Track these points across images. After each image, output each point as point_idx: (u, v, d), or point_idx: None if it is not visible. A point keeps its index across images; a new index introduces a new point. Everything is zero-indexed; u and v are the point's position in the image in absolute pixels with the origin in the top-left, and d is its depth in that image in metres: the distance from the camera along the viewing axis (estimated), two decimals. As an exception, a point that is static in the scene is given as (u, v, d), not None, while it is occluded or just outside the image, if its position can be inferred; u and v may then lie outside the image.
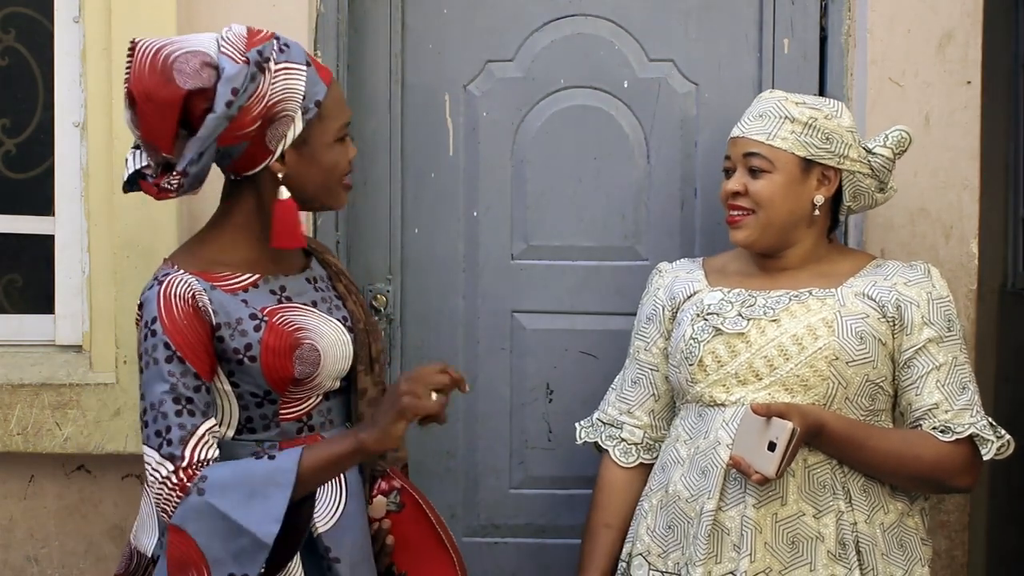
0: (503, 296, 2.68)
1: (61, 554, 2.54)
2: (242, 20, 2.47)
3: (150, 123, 1.88)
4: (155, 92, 1.86)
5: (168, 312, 1.87)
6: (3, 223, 2.61)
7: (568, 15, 2.65)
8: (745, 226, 2.16)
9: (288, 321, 1.95)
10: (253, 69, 1.87)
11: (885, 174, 2.20)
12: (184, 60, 1.87)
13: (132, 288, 2.45)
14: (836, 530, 2.07)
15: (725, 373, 2.13)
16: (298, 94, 1.91)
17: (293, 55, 1.93)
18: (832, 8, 2.59)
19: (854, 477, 2.10)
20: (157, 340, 1.86)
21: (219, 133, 1.87)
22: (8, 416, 2.47)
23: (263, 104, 1.88)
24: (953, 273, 2.49)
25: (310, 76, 1.93)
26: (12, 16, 2.59)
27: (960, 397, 2.10)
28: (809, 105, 2.16)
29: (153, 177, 1.93)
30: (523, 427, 2.70)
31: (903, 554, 2.12)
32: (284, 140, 1.92)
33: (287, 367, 1.93)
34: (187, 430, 1.84)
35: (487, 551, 2.73)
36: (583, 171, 2.66)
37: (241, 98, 1.86)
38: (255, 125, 1.89)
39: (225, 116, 1.85)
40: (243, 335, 1.91)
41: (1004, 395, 3.05)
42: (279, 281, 2.00)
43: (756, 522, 2.06)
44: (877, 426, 2.12)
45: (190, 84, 1.85)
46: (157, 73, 1.86)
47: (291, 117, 1.91)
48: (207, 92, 1.86)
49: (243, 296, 1.94)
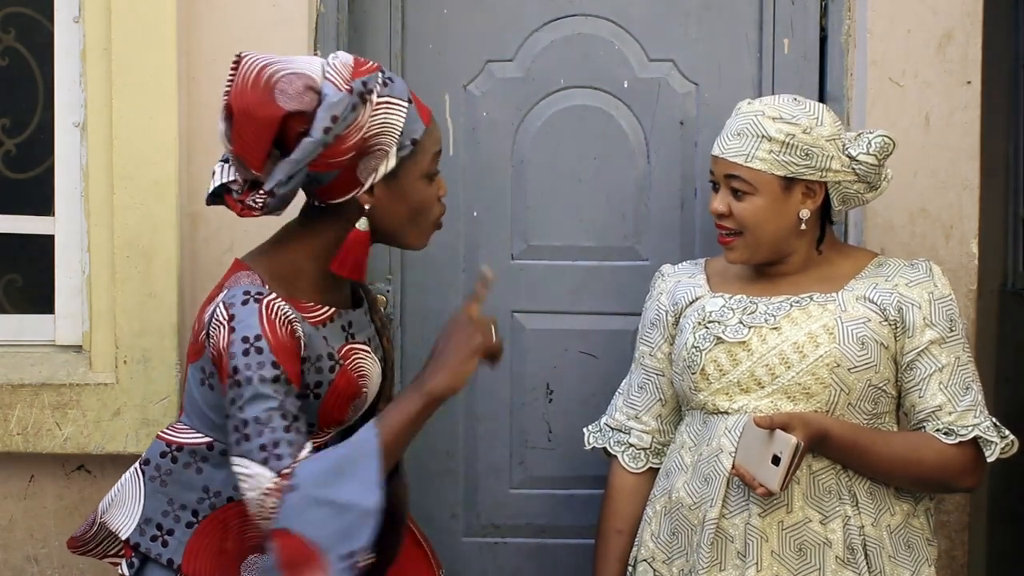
0: (503, 296, 2.68)
1: (61, 554, 2.54)
2: (242, 20, 2.49)
3: (245, 139, 1.84)
4: (255, 109, 1.83)
5: (273, 333, 1.82)
6: (3, 223, 2.61)
7: (568, 15, 2.65)
8: (735, 248, 2.14)
9: (357, 366, 1.96)
10: (355, 99, 1.84)
11: (873, 178, 2.15)
12: (288, 81, 1.83)
13: (132, 288, 2.45)
14: (844, 535, 2.06)
15: (727, 381, 2.12)
16: (396, 129, 1.89)
17: (396, 90, 1.91)
18: (832, 8, 2.59)
19: (860, 480, 2.09)
20: (264, 358, 1.81)
21: (312, 158, 1.84)
22: (8, 416, 2.47)
23: (360, 135, 1.86)
24: (953, 273, 2.49)
25: (410, 113, 1.90)
26: (12, 16, 2.59)
27: (964, 398, 2.09)
28: (786, 120, 2.09)
29: (239, 193, 1.90)
30: (523, 427, 2.70)
31: (910, 555, 2.11)
32: (375, 173, 1.89)
33: (343, 411, 1.95)
34: (295, 446, 1.80)
35: (487, 551, 2.73)
36: (583, 171, 2.66)
37: (339, 126, 1.83)
38: (349, 155, 1.86)
39: (321, 142, 1.83)
40: (318, 372, 1.90)
41: (1004, 395, 3.05)
42: (347, 316, 1.99)
43: (762, 531, 2.05)
44: (881, 431, 2.12)
45: (291, 105, 1.82)
46: (259, 90, 1.83)
47: (386, 151, 1.88)
48: (306, 115, 1.83)
49: (323, 332, 1.93)
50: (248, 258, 1.97)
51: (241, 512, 1.89)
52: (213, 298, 1.92)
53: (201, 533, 1.95)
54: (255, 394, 1.80)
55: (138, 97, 2.43)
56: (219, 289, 1.92)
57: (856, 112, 2.53)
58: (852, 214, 2.54)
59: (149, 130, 2.43)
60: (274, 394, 1.80)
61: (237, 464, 1.80)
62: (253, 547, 1.92)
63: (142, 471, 1.98)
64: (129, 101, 2.43)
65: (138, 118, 2.43)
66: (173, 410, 2.46)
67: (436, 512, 2.69)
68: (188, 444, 1.96)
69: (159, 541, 1.94)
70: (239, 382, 1.81)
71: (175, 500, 1.95)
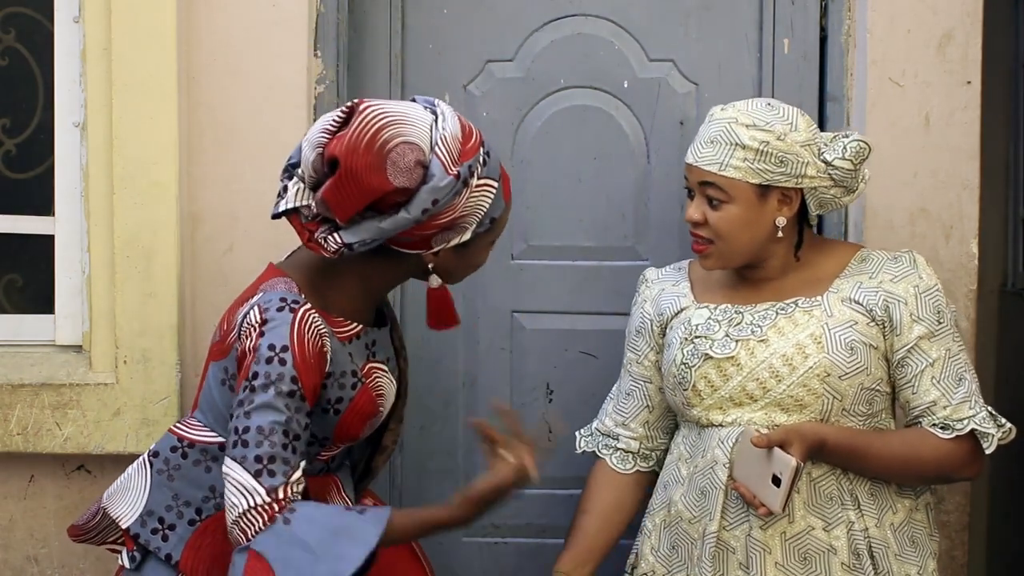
0: (503, 296, 2.68)
1: (61, 554, 2.54)
2: (242, 20, 2.49)
3: (343, 195, 1.83)
4: (364, 174, 1.81)
5: (301, 346, 1.83)
6: (3, 223, 2.61)
7: (568, 15, 2.65)
8: (709, 256, 2.12)
9: (377, 385, 1.97)
10: (460, 186, 1.86)
11: (850, 182, 2.10)
12: (401, 153, 1.82)
13: (132, 288, 2.45)
14: (848, 541, 2.06)
15: (720, 397, 2.11)
16: (483, 211, 1.91)
17: (492, 170, 1.93)
18: (832, 8, 2.59)
19: (860, 482, 2.08)
20: (285, 370, 1.81)
21: (402, 231, 1.86)
22: (8, 416, 2.47)
23: (452, 216, 1.88)
24: (953, 273, 2.49)
25: (497, 194, 1.93)
26: (12, 16, 2.59)
27: (957, 390, 2.08)
28: (760, 127, 2.06)
29: (308, 220, 1.89)
30: (523, 427, 2.69)
31: (915, 551, 2.11)
32: (448, 244, 1.92)
33: (359, 429, 1.96)
34: (291, 466, 1.80)
35: (487, 551, 2.73)
36: (583, 171, 2.66)
37: (437, 208, 1.85)
38: (435, 231, 1.89)
39: (416, 220, 1.85)
40: (341, 388, 1.91)
41: (1004, 395, 3.05)
42: (372, 335, 2.01)
43: (764, 543, 2.05)
44: (878, 432, 2.11)
45: (400, 182, 1.82)
46: (372, 155, 1.82)
47: (465, 229, 1.91)
48: (409, 191, 1.84)
49: (349, 348, 1.94)
50: (285, 265, 1.98)
51: None
52: (245, 299, 1.92)
53: (203, 532, 1.95)
54: (266, 403, 1.80)
55: (138, 97, 2.43)
56: (253, 291, 1.92)
57: (856, 112, 2.53)
58: (852, 214, 2.54)
59: (149, 130, 2.43)
60: (284, 409, 1.80)
61: (228, 467, 1.80)
62: None
63: (150, 462, 1.98)
64: (129, 101, 2.43)
65: (138, 118, 2.43)
66: (173, 410, 2.46)
67: (436, 512, 2.69)
68: (200, 442, 1.96)
69: (159, 535, 1.94)
70: (254, 387, 1.81)
71: (180, 496, 1.95)
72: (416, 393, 2.70)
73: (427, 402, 2.70)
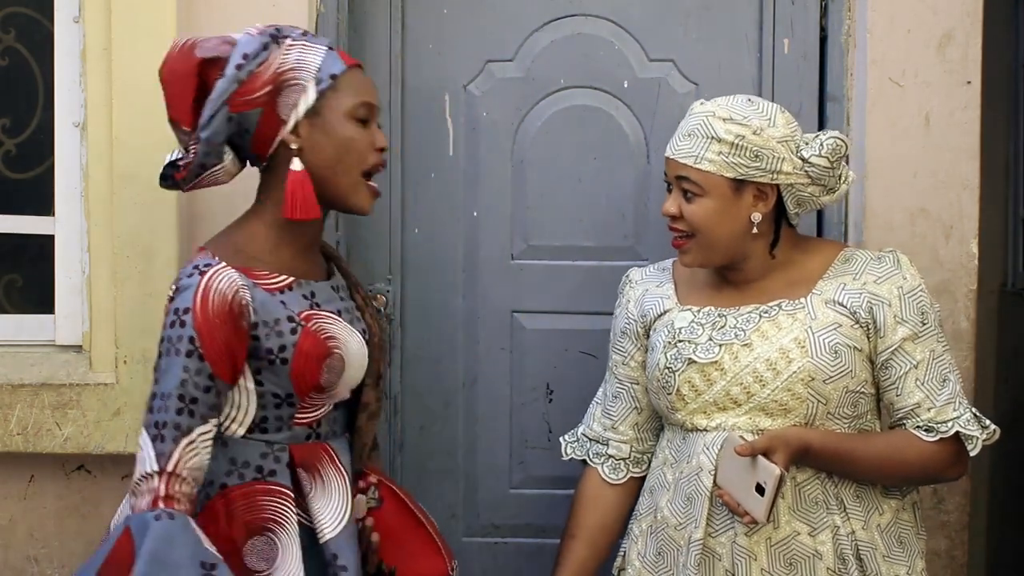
0: (503, 296, 2.68)
1: (61, 554, 2.54)
2: (242, 20, 2.48)
3: (172, 98, 1.96)
4: (176, 66, 1.96)
5: (203, 306, 1.87)
6: (3, 223, 2.61)
7: (568, 15, 2.65)
8: (688, 251, 2.11)
9: (322, 328, 1.96)
10: (267, 39, 1.96)
11: (827, 180, 2.09)
12: (207, 39, 1.97)
13: (132, 288, 2.45)
14: (834, 546, 2.05)
15: (704, 401, 2.10)
16: (312, 66, 1.96)
17: (315, 40, 2.00)
18: (832, 8, 2.59)
19: (845, 485, 2.08)
20: (184, 332, 1.86)
21: (229, 95, 1.92)
22: (8, 416, 2.47)
23: (272, 70, 1.94)
24: (953, 273, 2.49)
25: (329, 55, 1.98)
26: (12, 16, 2.59)
27: (941, 392, 2.07)
28: (736, 121, 2.04)
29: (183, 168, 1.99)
30: (523, 427, 2.70)
31: (903, 551, 2.10)
32: (296, 109, 1.95)
33: (315, 374, 1.95)
34: (181, 430, 1.83)
35: (487, 551, 2.73)
36: (583, 171, 2.66)
37: (251, 63, 1.93)
38: (265, 90, 1.94)
39: (235, 79, 1.92)
40: (279, 336, 1.92)
41: (1004, 395, 3.05)
42: (310, 286, 2.01)
43: (749, 549, 2.04)
44: (862, 435, 2.10)
45: (207, 54, 1.94)
46: (182, 52, 1.97)
47: (303, 86, 1.95)
48: (222, 62, 1.94)
49: (280, 297, 1.95)
50: (208, 241, 2.03)
51: (227, 502, 1.92)
52: None
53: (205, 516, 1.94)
54: (167, 365, 1.86)
55: (138, 97, 2.42)
56: None
57: (856, 112, 2.53)
58: (852, 214, 2.54)
59: (149, 130, 2.42)
60: (182, 371, 1.85)
61: (141, 433, 1.86)
62: (252, 530, 1.92)
63: None
64: (129, 101, 2.43)
65: (138, 118, 2.43)
66: (173, 410, 2.46)
67: (436, 512, 2.67)
68: None
69: None
70: (160, 353, 1.88)
71: None
72: (416, 393, 2.70)
73: (427, 402, 2.70)
